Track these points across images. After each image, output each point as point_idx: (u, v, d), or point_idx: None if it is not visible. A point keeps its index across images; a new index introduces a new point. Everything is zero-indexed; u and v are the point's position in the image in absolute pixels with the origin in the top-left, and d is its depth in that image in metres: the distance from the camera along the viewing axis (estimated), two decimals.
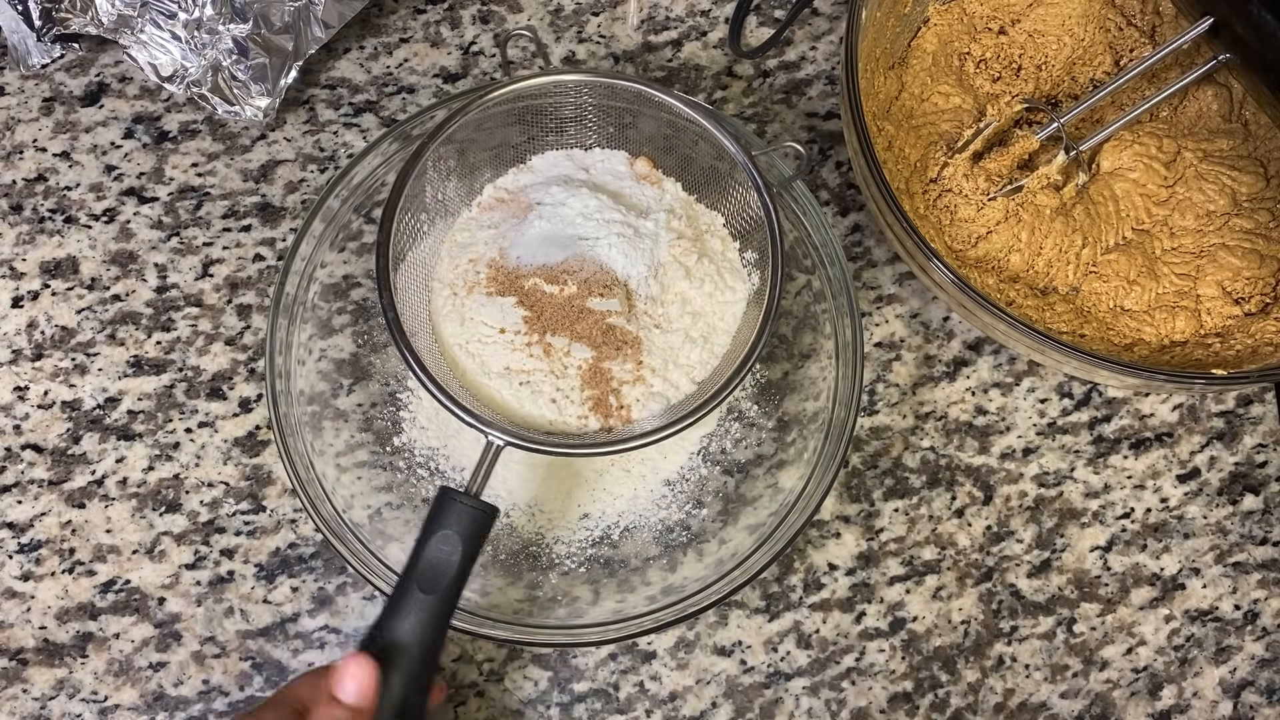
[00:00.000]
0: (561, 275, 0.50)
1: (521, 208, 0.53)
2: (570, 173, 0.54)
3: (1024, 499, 0.58)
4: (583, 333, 0.50)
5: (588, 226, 0.51)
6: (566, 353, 0.50)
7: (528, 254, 0.51)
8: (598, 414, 0.50)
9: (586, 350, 0.50)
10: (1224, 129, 0.57)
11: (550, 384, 0.50)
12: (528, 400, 0.50)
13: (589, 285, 0.50)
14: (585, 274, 0.50)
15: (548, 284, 0.50)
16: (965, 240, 0.55)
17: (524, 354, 0.50)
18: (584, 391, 0.50)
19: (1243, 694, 0.57)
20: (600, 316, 0.50)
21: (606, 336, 0.50)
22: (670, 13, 0.62)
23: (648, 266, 0.51)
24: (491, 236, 0.52)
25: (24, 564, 0.54)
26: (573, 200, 0.52)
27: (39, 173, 0.58)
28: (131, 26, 0.55)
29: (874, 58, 0.56)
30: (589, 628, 0.49)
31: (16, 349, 0.56)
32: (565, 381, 0.50)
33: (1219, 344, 0.54)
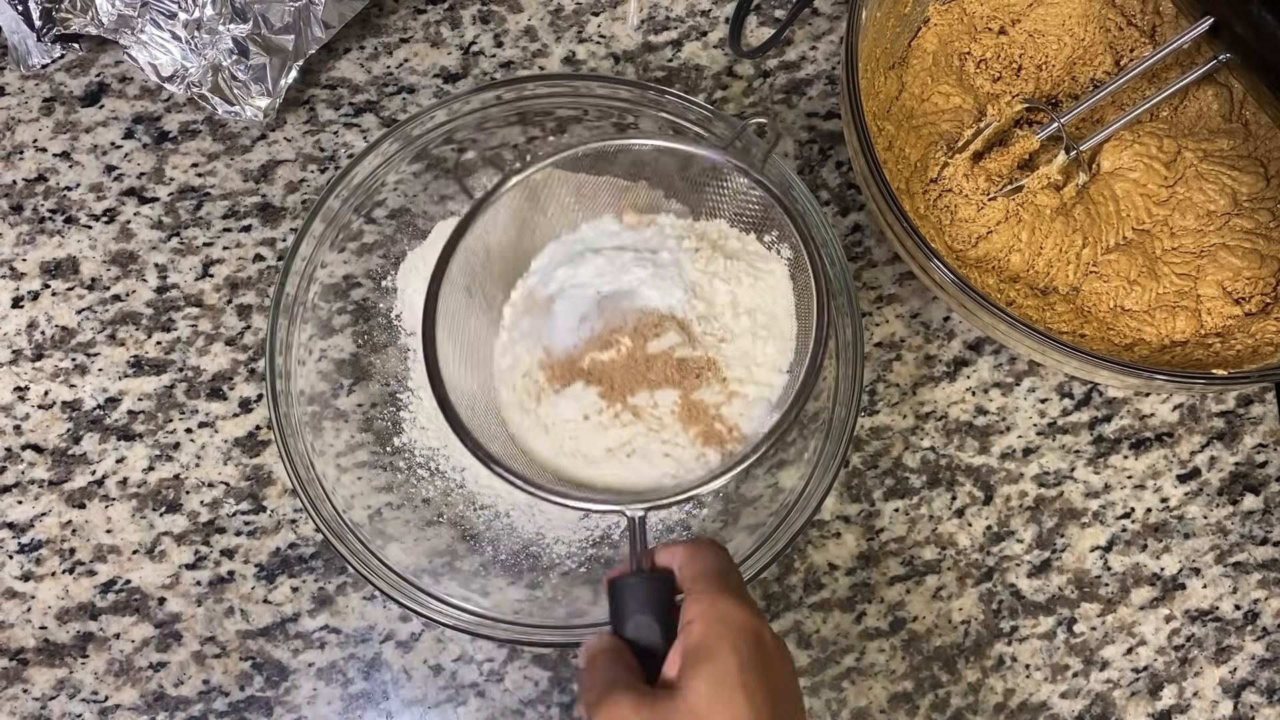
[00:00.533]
0: (611, 337, 0.49)
1: (541, 305, 0.52)
2: (569, 251, 0.53)
3: (1024, 499, 0.58)
4: (658, 379, 0.49)
5: (609, 281, 0.51)
6: (654, 405, 0.49)
7: (570, 338, 0.50)
8: (711, 445, 0.49)
9: (671, 392, 0.49)
10: (1224, 129, 0.57)
11: (655, 441, 0.49)
12: (644, 466, 0.49)
13: (640, 332, 0.49)
14: (631, 324, 0.49)
15: (603, 352, 0.49)
16: (965, 240, 0.55)
17: (617, 427, 0.49)
18: (689, 431, 0.49)
19: (1243, 694, 0.57)
20: (666, 356, 0.49)
21: (682, 371, 0.49)
22: (670, 13, 0.62)
23: (683, 290, 0.50)
24: (529, 345, 0.51)
25: (24, 564, 0.54)
26: (582, 269, 0.51)
27: (39, 173, 0.58)
28: (131, 26, 0.55)
29: (874, 58, 0.56)
30: (589, 628, 0.49)
31: (17, 349, 0.56)
32: (667, 431, 0.49)
33: (1219, 344, 0.54)
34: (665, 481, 0.49)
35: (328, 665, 0.54)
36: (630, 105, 0.55)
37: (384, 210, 0.55)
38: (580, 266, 0.52)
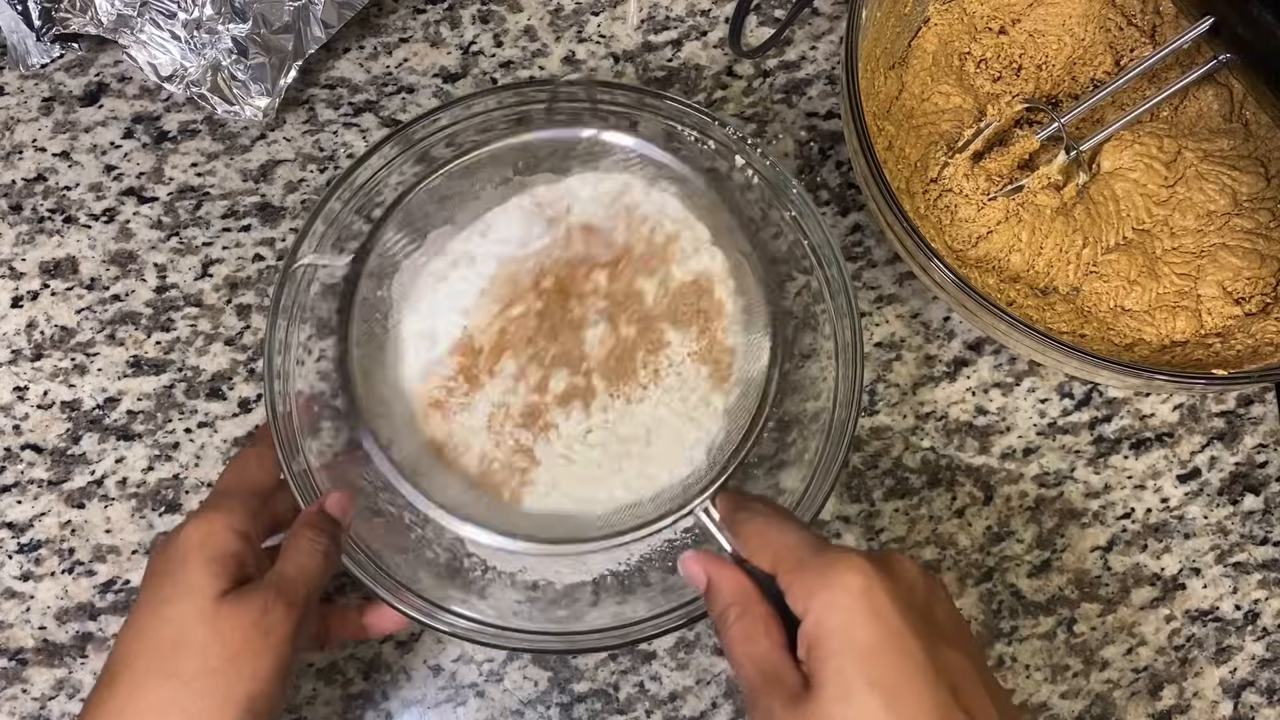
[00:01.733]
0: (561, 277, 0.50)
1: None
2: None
3: (1024, 499, 0.58)
4: (660, 316, 0.51)
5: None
6: (667, 355, 0.50)
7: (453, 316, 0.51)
8: (717, 385, 0.51)
9: (676, 331, 0.51)
10: (1224, 129, 0.57)
11: (679, 407, 0.51)
12: (670, 447, 0.50)
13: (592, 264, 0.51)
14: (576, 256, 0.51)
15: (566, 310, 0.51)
16: (965, 240, 0.55)
17: (627, 418, 0.50)
18: (703, 374, 0.50)
19: (1243, 694, 0.57)
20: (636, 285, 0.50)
21: (673, 297, 0.51)
22: (670, 12, 0.62)
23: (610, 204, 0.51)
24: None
25: (24, 564, 0.54)
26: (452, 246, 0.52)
27: (38, 172, 0.58)
28: (131, 26, 0.55)
29: (874, 57, 0.56)
30: (590, 634, 0.49)
31: (16, 349, 0.56)
32: (687, 385, 0.51)
33: (1219, 344, 0.54)
34: (696, 454, 0.50)
35: (327, 665, 0.54)
36: (628, 109, 0.55)
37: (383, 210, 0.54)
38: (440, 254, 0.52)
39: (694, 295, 0.52)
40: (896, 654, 0.35)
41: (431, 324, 0.51)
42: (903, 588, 0.37)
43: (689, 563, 0.42)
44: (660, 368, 0.51)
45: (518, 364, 0.51)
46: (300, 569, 0.43)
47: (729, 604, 0.40)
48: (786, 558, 0.38)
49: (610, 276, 0.52)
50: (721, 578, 0.40)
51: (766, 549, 0.40)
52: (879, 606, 0.36)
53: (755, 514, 0.42)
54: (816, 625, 0.36)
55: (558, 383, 0.50)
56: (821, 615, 0.36)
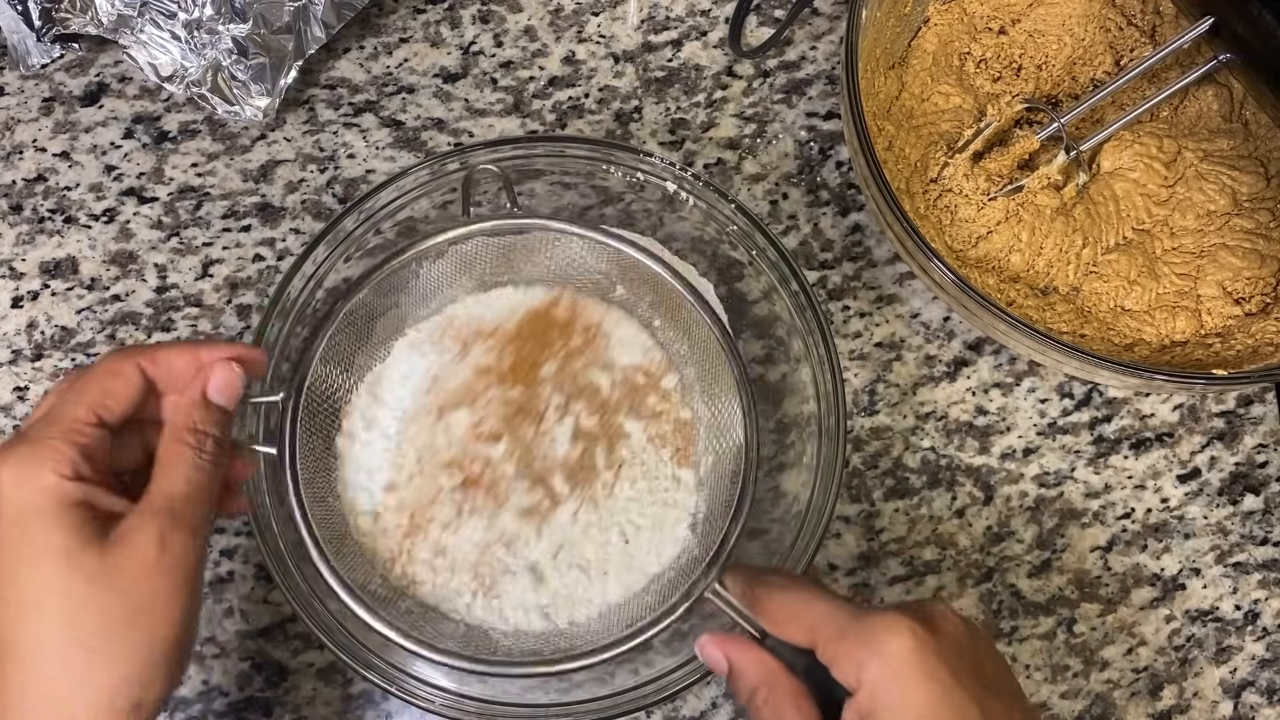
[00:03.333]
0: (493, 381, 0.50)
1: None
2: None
3: (1024, 499, 0.58)
4: (620, 405, 0.51)
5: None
6: (626, 442, 0.50)
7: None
8: (683, 463, 0.51)
9: (631, 421, 0.51)
10: (1224, 129, 0.57)
11: (656, 492, 0.51)
12: (655, 534, 0.50)
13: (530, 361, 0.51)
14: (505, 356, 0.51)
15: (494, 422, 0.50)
16: (965, 240, 0.55)
17: (610, 509, 0.50)
18: (665, 455, 0.51)
19: (1243, 694, 0.57)
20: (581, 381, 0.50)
21: (622, 388, 0.51)
22: (670, 12, 0.62)
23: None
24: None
25: None
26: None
27: (39, 173, 0.58)
28: (131, 26, 0.55)
29: (874, 58, 0.56)
30: (584, 704, 0.49)
31: (16, 349, 0.56)
32: (656, 468, 0.51)
33: (1219, 344, 0.54)
34: (680, 531, 0.50)
35: (327, 665, 0.54)
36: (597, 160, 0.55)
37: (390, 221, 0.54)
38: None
39: (642, 382, 0.52)
40: (952, 714, 0.35)
41: (363, 478, 0.51)
42: (950, 644, 0.36)
43: (707, 648, 0.41)
44: (623, 459, 0.51)
45: (462, 496, 0.50)
46: (190, 484, 0.37)
47: (755, 685, 0.39)
48: (824, 628, 0.38)
49: (560, 368, 0.51)
50: (745, 660, 0.40)
51: (798, 622, 0.39)
52: (930, 668, 0.35)
53: (776, 587, 0.40)
54: (872, 699, 0.36)
55: (517, 499, 0.49)
56: (876, 687, 0.35)
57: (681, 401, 0.52)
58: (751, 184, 0.60)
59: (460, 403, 0.51)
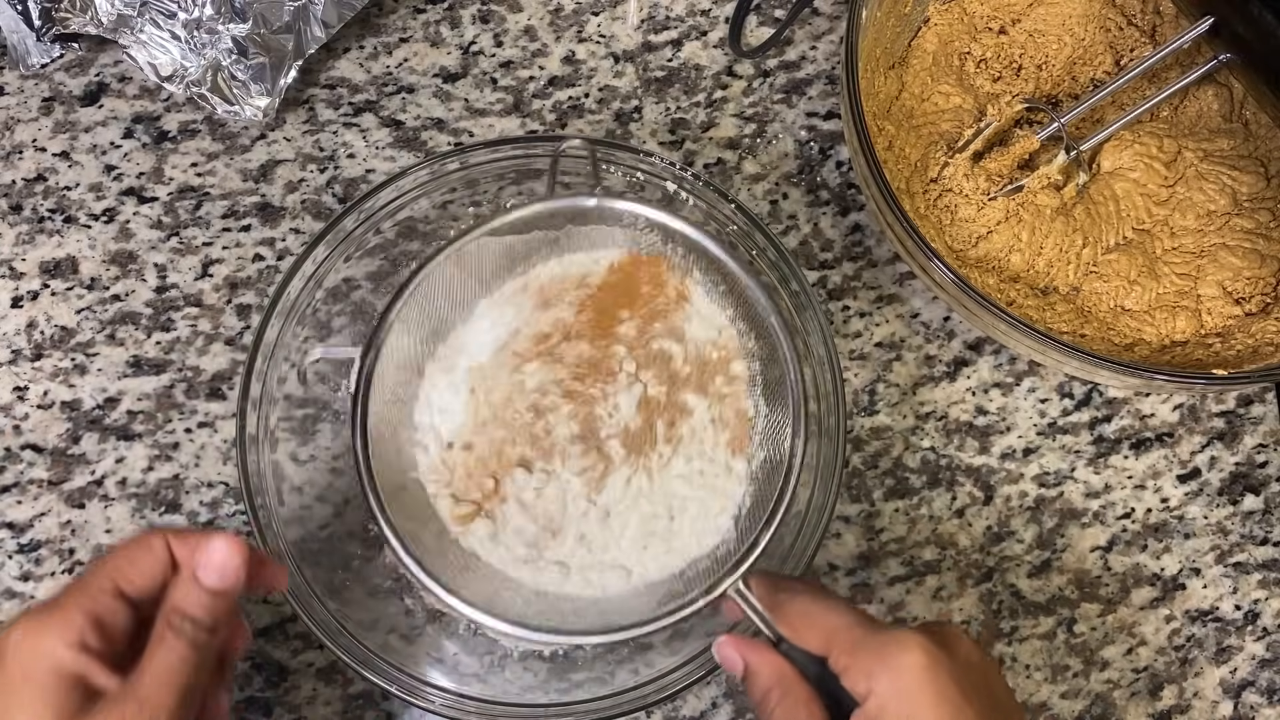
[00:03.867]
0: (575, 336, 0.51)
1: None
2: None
3: (1024, 499, 0.58)
4: (683, 381, 0.51)
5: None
6: (689, 421, 0.50)
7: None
8: (737, 451, 0.51)
9: (697, 397, 0.50)
10: (1224, 129, 0.57)
11: (705, 479, 0.50)
12: (695, 514, 0.50)
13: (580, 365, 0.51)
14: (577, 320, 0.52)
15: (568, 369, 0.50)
16: (965, 240, 0.55)
17: (660, 477, 0.50)
18: (723, 441, 0.51)
19: (1243, 694, 0.57)
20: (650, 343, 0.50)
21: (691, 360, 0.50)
22: (670, 12, 0.62)
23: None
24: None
25: (24, 564, 0.54)
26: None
27: (38, 172, 0.58)
28: (131, 26, 0.55)
29: (874, 57, 0.56)
30: (583, 704, 0.49)
31: (16, 349, 0.56)
32: (711, 450, 0.50)
33: (1219, 344, 0.54)
34: (724, 522, 0.49)
35: (327, 665, 0.54)
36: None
37: (391, 221, 0.54)
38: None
39: (715, 358, 0.52)
40: None
41: (435, 419, 0.51)
42: (962, 665, 0.37)
43: (724, 648, 0.42)
44: (682, 436, 0.51)
45: (523, 451, 0.50)
46: (166, 669, 0.36)
47: (769, 687, 0.39)
48: (840, 639, 0.38)
49: (638, 332, 0.52)
50: (760, 662, 0.40)
51: (815, 630, 0.39)
52: (942, 686, 0.36)
53: (797, 594, 0.41)
54: (881, 710, 0.36)
55: (575, 460, 0.50)
56: (885, 699, 0.36)
57: (746, 391, 0.52)
58: (751, 184, 0.60)
59: (535, 355, 0.51)
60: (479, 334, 0.52)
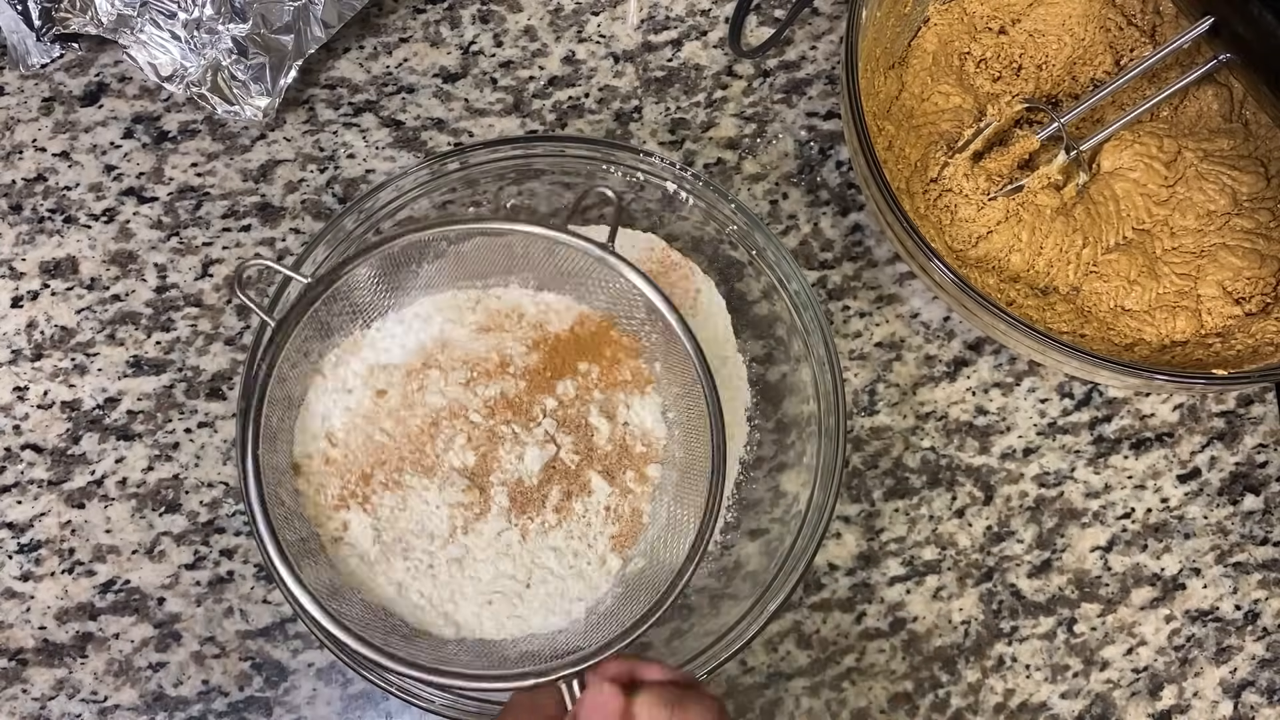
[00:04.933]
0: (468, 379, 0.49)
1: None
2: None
3: (1024, 499, 0.58)
4: (576, 455, 0.50)
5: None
6: (575, 498, 0.48)
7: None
8: (618, 547, 0.49)
9: (597, 477, 0.48)
10: (1224, 129, 0.57)
11: (567, 557, 0.49)
12: (537, 598, 0.48)
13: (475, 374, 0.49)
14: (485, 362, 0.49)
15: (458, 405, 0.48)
16: (965, 240, 0.55)
17: (517, 543, 0.48)
18: (606, 533, 0.49)
19: (1243, 694, 0.57)
20: (566, 410, 0.49)
21: (584, 438, 0.49)
22: (670, 12, 0.62)
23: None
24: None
25: (23, 564, 0.54)
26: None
27: (38, 172, 0.58)
28: (131, 26, 0.55)
29: (874, 57, 0.56)
30: None
31: (16, 349, 0.56)
32: (591, 534, 0.49)
33: (1220, 344, 0.54)
34: (576, 610, 0.48)
35: (327, 665, 0.54)
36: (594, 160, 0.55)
37: (390, 221, 0.54)
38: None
39: (637, 452, 0.50)
40: None
41: (324, 410, 0.50)
42: None
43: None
44: (573, 511, 0.49)
45: (401, 462, 0.49)
46: None
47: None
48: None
49: (576, 393, 0.50)
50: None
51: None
52: None
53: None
54: None
55: (453, 490, 0.48)
56: None
57: (651, 496, 0.50)
58: (751, 184, 0.60)
59: (457, 372, 0.50)
60: (404, 330, 0.51)
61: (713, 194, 0.53)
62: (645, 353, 0.51)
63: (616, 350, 0.51)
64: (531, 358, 0.51)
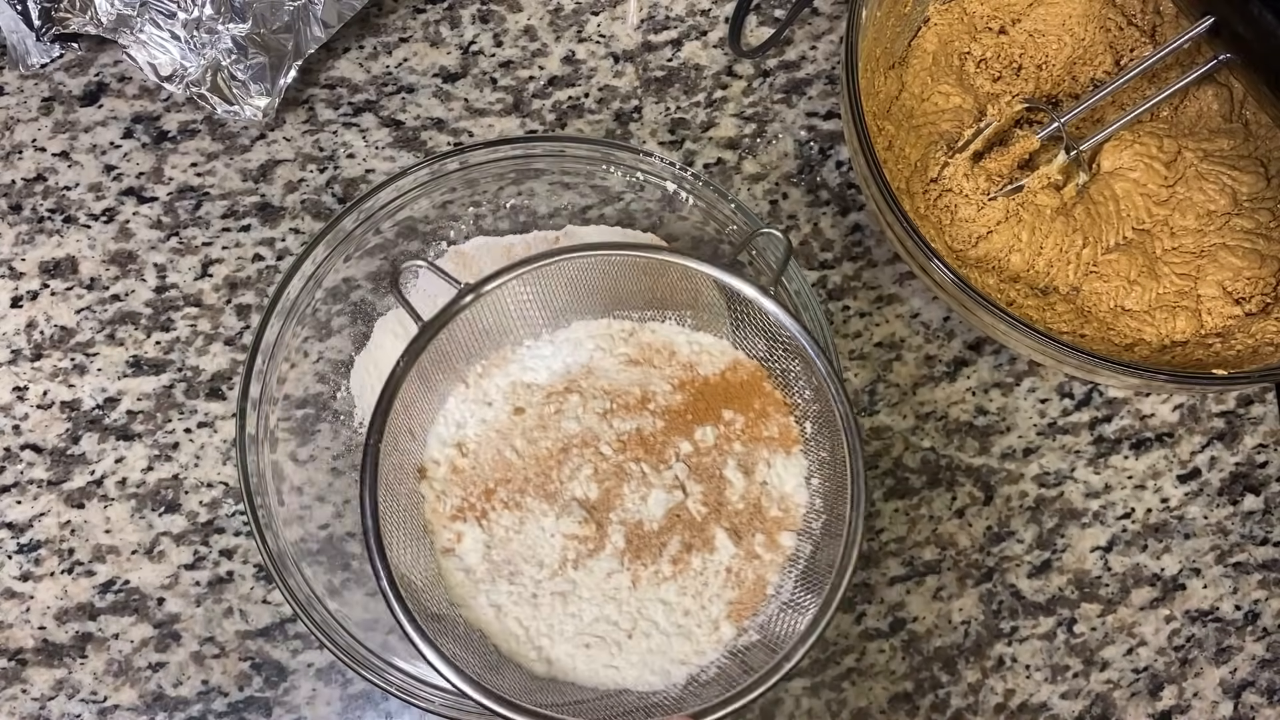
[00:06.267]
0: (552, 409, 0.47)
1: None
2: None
3: (1024, 499, 0.58)
4: (707, 507, 0.45)
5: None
6: (699, 554, 0.45)
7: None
8: (734, 616, 0.45)
9: (722, 535, 0.45)
10: (1224, 129, 0.57)
11: (677, 612, 0.45)
12: (635, 651, 0.45)
13: (606, 407, 0.46)
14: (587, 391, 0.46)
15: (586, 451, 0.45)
16: (965, 240, 0.55)
17: (628, 589, 0.45)
18: (724, 597, 0.45)
19: (1243, 694, 0.57)
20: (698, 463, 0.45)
21: (717, 494, 0.46)
22: (670, 12, 0.62)
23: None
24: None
25: (23, 564, 0.54)
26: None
27: (38, 172, 0.58)
28: (131, 26, 0.55)
29: (874, 57, 0.56)
30: None
31: (16, 349, 0.56)
32: (707, 593, 0.45)
33: (1220, 344, 0.54)
34: (677, 674, 0.45)
35: (327, 665, 0.54)
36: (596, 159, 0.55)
37: (390, 221, 0.54)
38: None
39: (771, 516, 0.47)
40: None
41: (458, 420, 0.48)
42: None
43: None
44: (691, 567, 0.46)
45: (525, 483, 0.47)
46: None
47: None
48: None
49: (715, 442, 0.47)
50: None
51: None
52: None
53: None
54: None
55: (566, 521, 0.45)
56: None
57: (781, 567, 0.46)
58: (751, 184, 0.60)
59: (597, 401, 0.47)
60: (553, 351, 0.49)
61: (713, 194, 0.53)
62: (797, 410, 0.48)
63: (766, 403, 0.48)
64: (675, 397, 0.47)
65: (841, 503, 0.45)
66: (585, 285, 0.48)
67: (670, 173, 0.54)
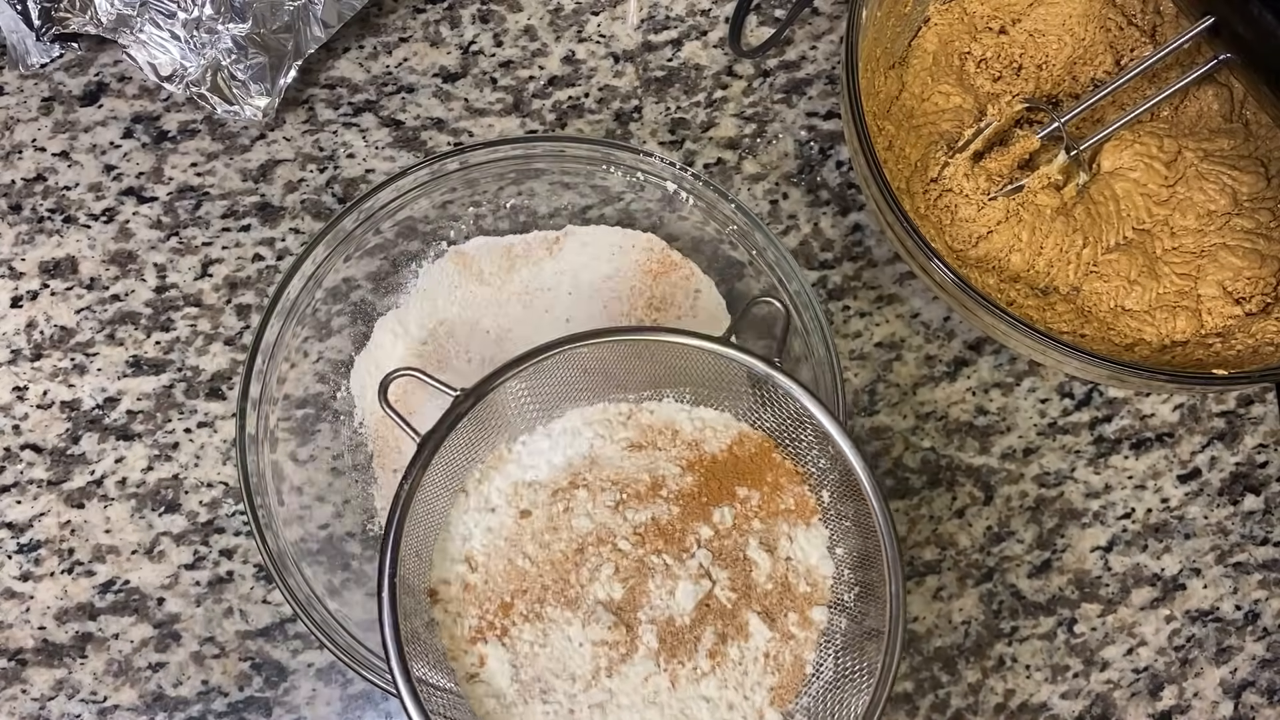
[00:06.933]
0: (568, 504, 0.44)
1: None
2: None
3: (1024, 499, 0.58)
4: (737, 597, 0.43)
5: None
6: (733, 644, 0.43)
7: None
8: (777, 703, 0.43)
9: (758, 621, 0.43)
10: (1225, 129, 0.57)
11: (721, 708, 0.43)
12: None
13: (625, 497, 0.43)
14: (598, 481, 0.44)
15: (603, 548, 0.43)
16: (966, 240, 0.55)
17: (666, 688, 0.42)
18: (765, 684, 0.43)
19: (1243, 694, 0.57)
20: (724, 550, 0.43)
21: (747, 586, 0.43)
22: (670, 12, 0.62)
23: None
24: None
25: (23, 564, 0.54)
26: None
27: (38, 172, 0.58)
28: (130, 26, 0.55)
29: (874, 57, 0.56)
30: None
31: (15, 349, 0.56)
32: (746, 686, 0.43)
33: (1220, 344, 0.54)
34: None
35: (327, 665, 0.54)
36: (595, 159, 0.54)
37: (390, 221, 0.54)
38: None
39: (800, 592, 0.45)
40: None
41: (464, 532, 0.46)
42: None
43: None
44: (729, 657, 0.44)
45: (543, 592, 0.44)
46: None
47: None
48: None
49: (734, 522, 0.45)
50: None
51: None
52: None
53: None
54: None
55: (594, 629, 0.43)
56: None
57: (817, 644, 0.45)
58: (751, 184, 0.60)
59: (606, 493, 0.45)
60: (550, 445, 0.47)
61: (713, 194, 0.53)
62: (811, 479, 0.47)
63: (779, 474, 0.46)
64: (686, 480, 0.45)
65: (871, 570, 0.43)
66: (576, 370, 0.46)
67: (670, 172, 0.54)
